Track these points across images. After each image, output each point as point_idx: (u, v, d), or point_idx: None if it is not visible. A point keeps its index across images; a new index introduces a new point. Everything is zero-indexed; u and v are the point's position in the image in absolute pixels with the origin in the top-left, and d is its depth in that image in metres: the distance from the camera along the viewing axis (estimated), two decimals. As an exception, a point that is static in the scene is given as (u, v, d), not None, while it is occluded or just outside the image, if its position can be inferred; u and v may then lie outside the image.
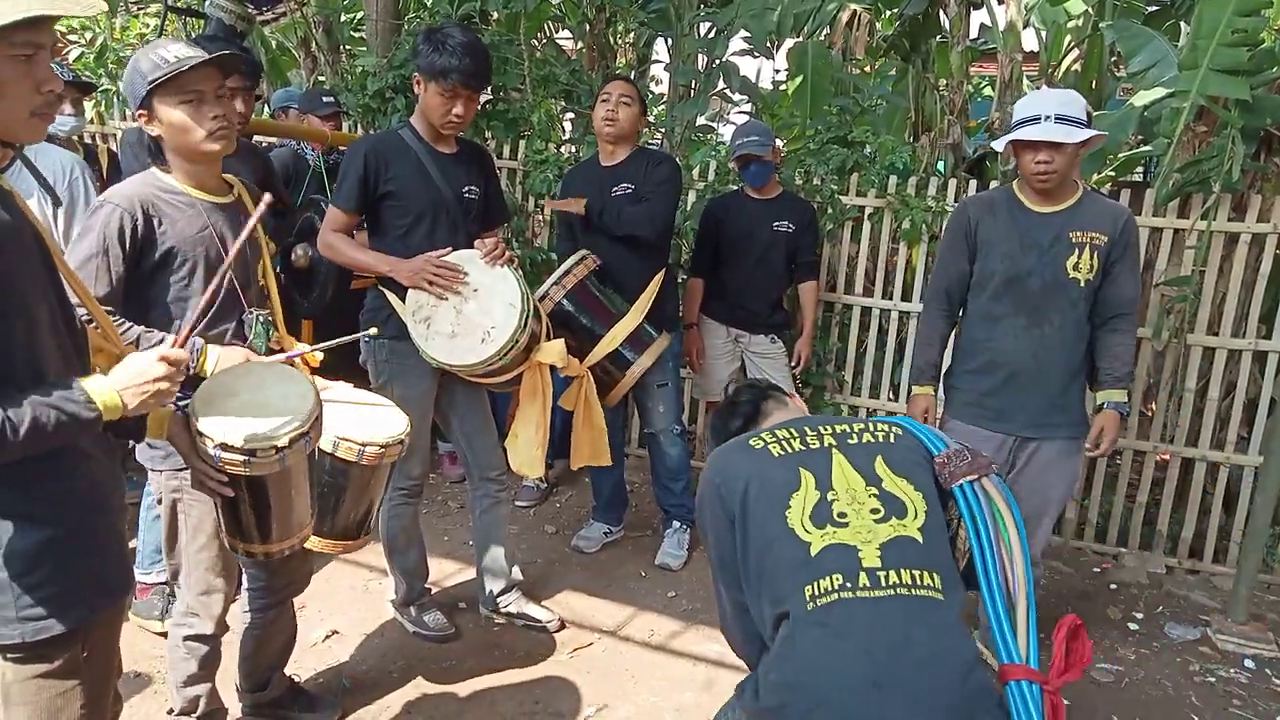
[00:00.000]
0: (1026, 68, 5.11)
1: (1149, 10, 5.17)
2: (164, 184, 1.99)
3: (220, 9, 3.59)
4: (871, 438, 1.72)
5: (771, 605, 1.57)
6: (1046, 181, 2.58)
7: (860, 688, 1.43)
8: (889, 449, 1.70)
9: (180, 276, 1.97)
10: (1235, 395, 3.66)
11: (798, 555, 1.56)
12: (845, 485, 1.62)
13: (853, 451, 1.68)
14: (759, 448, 1.71)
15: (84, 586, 1.46)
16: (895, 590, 1.50)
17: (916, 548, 1.55)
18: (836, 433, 1.72)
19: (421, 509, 3.08)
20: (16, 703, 1.45)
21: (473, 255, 2.66)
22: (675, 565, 3.57)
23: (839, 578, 1.51)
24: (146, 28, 7.52)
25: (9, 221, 1.31)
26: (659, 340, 3.22)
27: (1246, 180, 3.54)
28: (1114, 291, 2.67)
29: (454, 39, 2.55)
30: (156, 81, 1.87)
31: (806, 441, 1.70)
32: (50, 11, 1.24)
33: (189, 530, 2.08)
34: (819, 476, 1.63)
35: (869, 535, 1.55)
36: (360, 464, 2.08)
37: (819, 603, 1.50)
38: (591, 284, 3.16)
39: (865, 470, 1.65)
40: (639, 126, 3.39)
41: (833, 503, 1.60)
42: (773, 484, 1.64)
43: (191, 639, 2.16)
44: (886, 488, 1.62)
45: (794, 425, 1.75)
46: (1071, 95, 2.62)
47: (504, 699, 2.70)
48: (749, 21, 4.92)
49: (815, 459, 1.67)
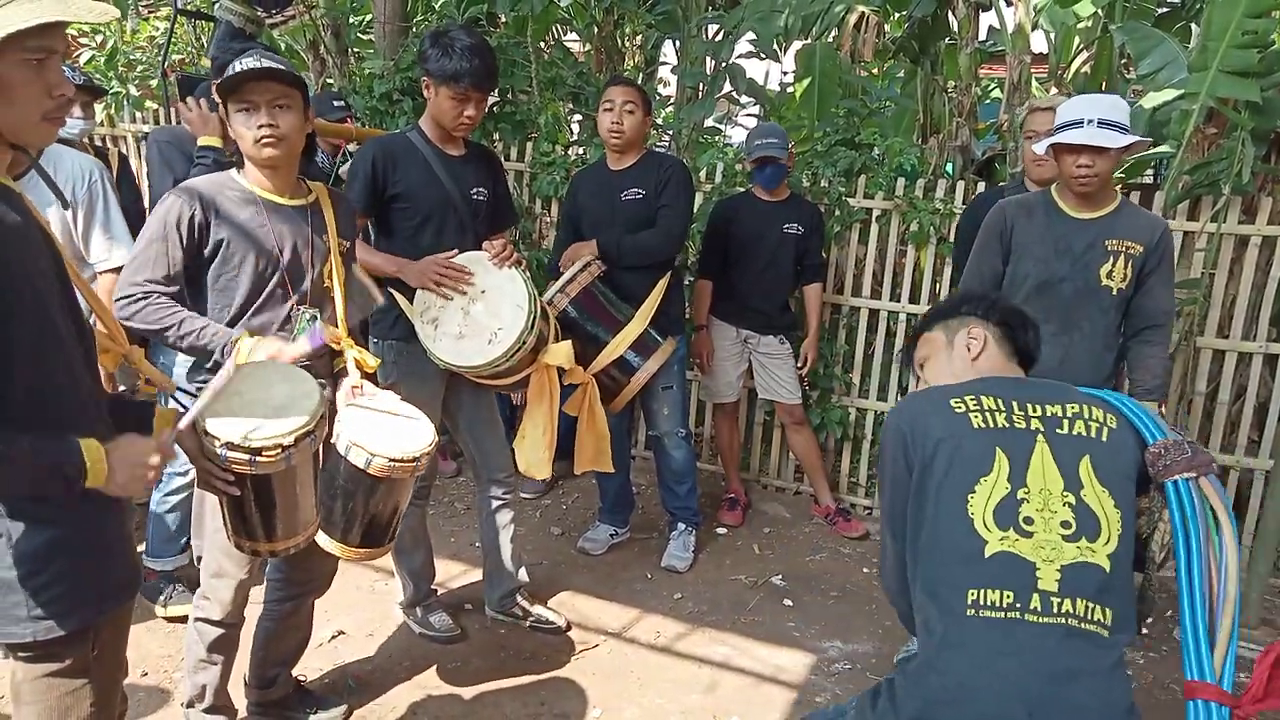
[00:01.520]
0: (1035, 70, 5.10)
1: (1159, 12, 5.15)
2: (233, 182, 2.09)
3: (230, 12, 3.59)
4: (1084, 429, 1.55)
5: (924, 587, 1.50)
6: (1087, 185, 2.58)
7: (1010, 712, 1.36)
8: (1099, 449, 1.54)
9: (230, 268, 2.04)
10: (1245, 399, 3.64)
11: (969, 549, 1.46)
12: (1041, 485, 1.49)
13: (1060, 444, 1.52)
14: (960, 411, 1.56)
15: (93, 586, 1.47)
16: (1066, 620, 1.40)
17: (1100, 578, 1.43)
18: (1047, 415, 1.55)
19: (428, 510, 3.08)
20: (26, 701, 1.47)
21: (480, 257, 2.66)
22: (681, 567, 3.56)
23: (1010, 596, 1.41)
24: (156, 31, 7.56)
25: (18, 223, 1.32)
26: (664, 345, 3.20)
27: (1257, 182, 3.53)
28: (1148, 302, 2.67)
29: (461, 41, 2.56)
30: (222, 89, 1.98)
31: (1012, 419, 1.55)
32: (62, 18, 1.25)
33: (210, 511, 2.10)
34: (1014, 465, 1.50)
35: (1052, 554, 1.43)
36: (367, 473, 2.06)
37: (981, 614, 1.42)
38: (597, 290, 3.15)
39: (1068, 470, 1.50)
40: (645, 130, 3.38)
41: (1022, 502, 1.47)
42: (964, 458, 1.51)
43: (201, 621, 2.19)
44: (1085, 498, 1.48)
45: (1004, 394, 1.58)
46: (1115, 100, 2.62)
47: (509, 700, 2.70)
48: (757, 24, 4.93)
49: (1016, 442, 1.52)
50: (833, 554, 3.81)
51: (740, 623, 3.20)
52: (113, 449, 1.36)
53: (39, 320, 1.34)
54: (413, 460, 2.08)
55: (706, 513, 3.96)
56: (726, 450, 4.16)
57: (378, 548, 2.25)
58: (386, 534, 2.24)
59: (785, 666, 2.95)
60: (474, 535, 3.26)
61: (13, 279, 1.29)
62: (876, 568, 3.69)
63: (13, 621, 1.39)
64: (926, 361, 1.80)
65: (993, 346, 1.73)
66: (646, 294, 3.23)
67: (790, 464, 4.45)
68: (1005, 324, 1.74)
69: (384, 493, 2.12)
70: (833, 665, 2.97)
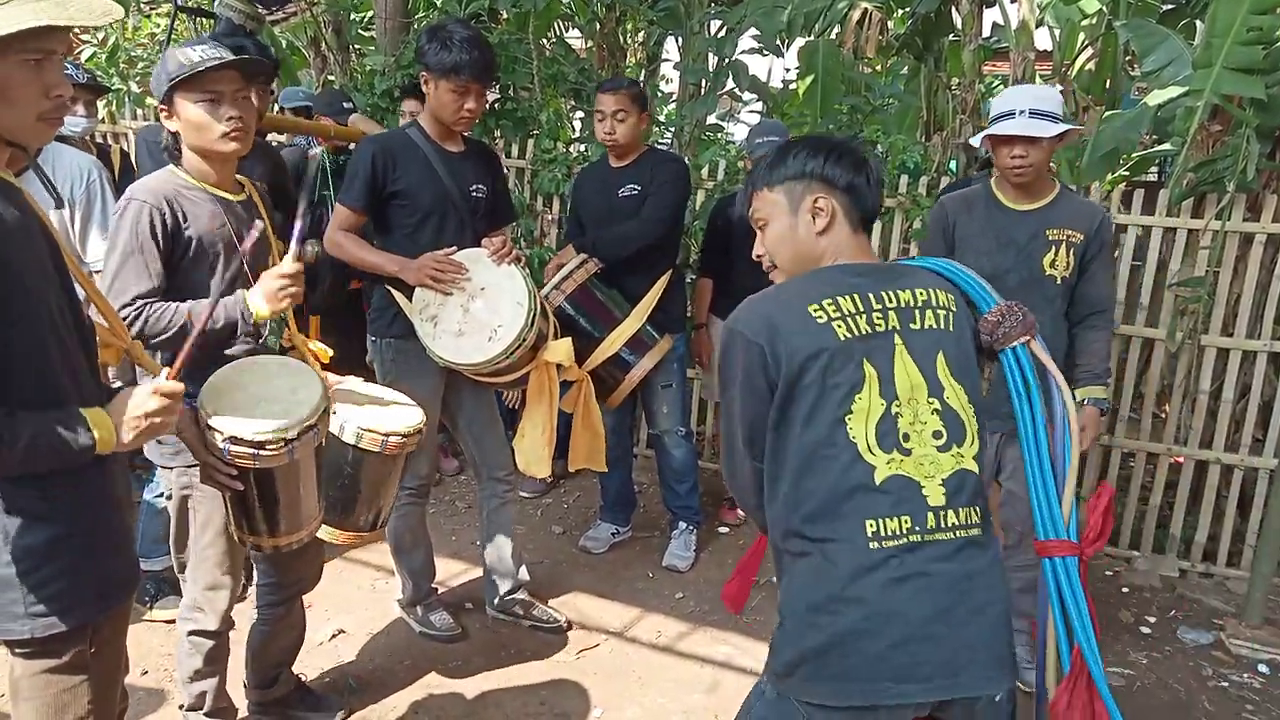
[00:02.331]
0: (1040, 67, 5.07)
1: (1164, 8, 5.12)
2: (183, 180, 2.03)
3: (230, 9, 3.59)
4: (935, 320, 1.52)
5: (808, 516, 1.46)
6: (1023, 175, 2.61)
7: (925, 628, 1.39)
8: (949, 340, 1.52)
9: (202, 268, 2.00)
10: (1250, 397, 3.62)
11: (858, 478, 1.43)
12: (909, 392, 1.46)
13: (915, 341, 1.49)
14: (822, 321, 1.47)
15: (93, 584, 1.47)
16: (956, 532, 1.44)
17: (972, 481, 1.47)
18: (901, 306, 1.51)
19: (429, 509, 3.08)
20: (25, 697, 1.47)
21: (480, 254, 2.65)
22: (683, 567, 3.55)
23: (907, 520, 1.42)
24: (158, 28, 7.55)
25: (18, 219, 1.32)
26: (660, 343, 3.19)
27: (1261, 180, 3.51)
28: (1090, 289, 2.70)
29: (459, 34, 2.57)
30: (178, 79, 1.91)
31: (872, 320, 1.48)
32: (63, 22, 1.24)
33: (198, 525, 2.09)
34: (883, 375, 1.46)
35: (932, 469, 1.45)
36: (383, 454, 2.14)
37: (885, 545, 1.41)
38: (594, 286, 3.14)
39: (928, 372, 1.49)
40: (641, 129, 3.35)
41: (897, 417, 1.45)
42: (834, 376, 1.46)
43: (196, 634, 2.17)
44: (948, 399, 1.48)
45: (860, 289, 1.51)
46: (1046, 90, 2.67)
47: (510, 699, 2.70)
48: (759, 20, 4.90)
49: (879, 348, 1.48)
50: (835, 553, 3.80)
51: (742, 622, 3.19)
52: (112, 408, 1.38)
53: (38, 314, 1.34)
54: (419, 430, 2.20)
55: (708, 511, 3.95)
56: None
57: (377, 529, 2.34)
58: (385, 514, 2.34)
59: (787, 666, 2.93)
60: (475, 534, 3.25)
61: (12, 274, 1.29)
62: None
63: (10, 618, 1.40)
64: (766, 225, 1.65)
65: (840, 218, 1.58)
66: (645, 291, 3.22)
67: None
68: (851, 188, 1.58)
69: (394, 471, 2.24)
70: (835, 665, 2.96)
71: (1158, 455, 3.80)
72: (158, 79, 1.96)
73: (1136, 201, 3.71)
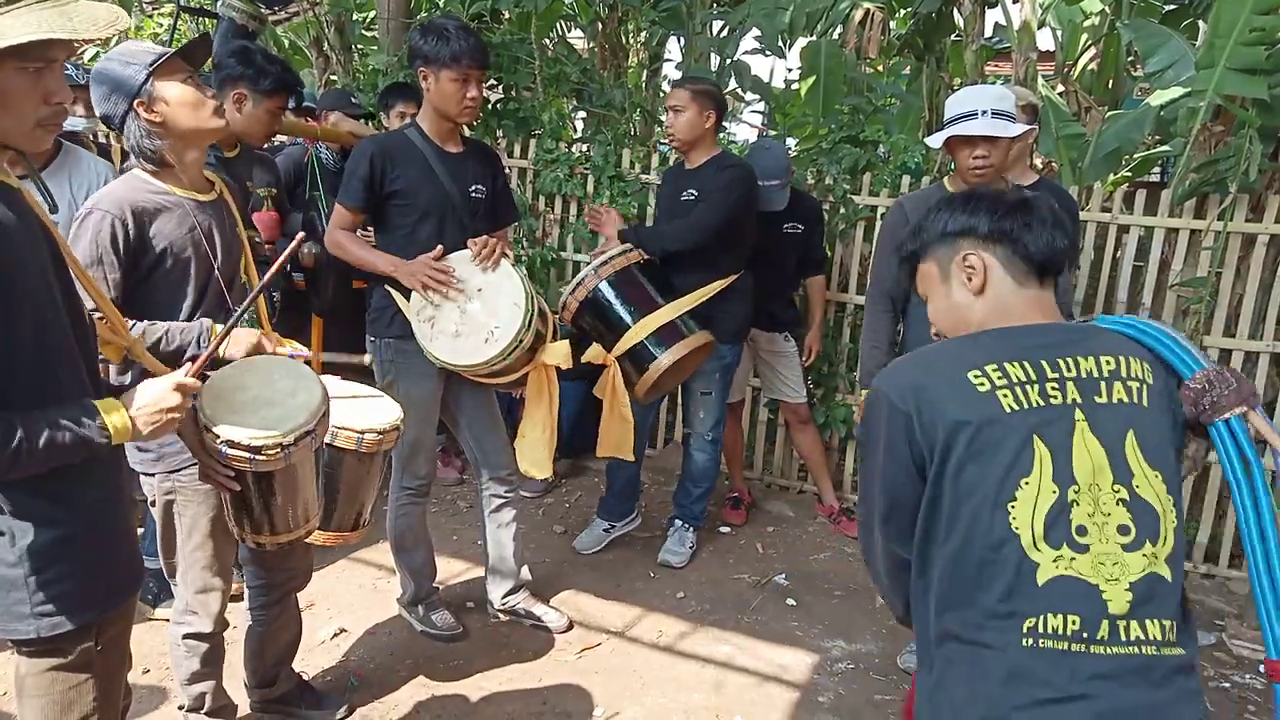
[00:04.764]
0: (1042, 67, 5.07)
1: (1166, 9, 5.12)
2: (151, 185, 1.98)
3: (232, 9, 3.59)
4: (1124, 393, 1.29)
5: (957, 618, 1.27)
6: (984, 175, 2.60)
7: None
8: (1143, 418, 1.28)
9: (173, 279, 1.97)
10: (1252, 398, 3.62)
11: (1019, 576, 1.22)
12: (1089, 478, 1.24)
13: (1101, 418, 1.26)
14: (984, 389, 1.27)
15: (97, 583, 1.48)
16: (1140, 649, 1.19)
17: (1165, 588, 1.23)
18: (1083, 378, 1.28)
19: (430, 508, 3.08)
20: (30, 695, 1.48)
21: (469, 255, 2.66)
22: (677, 563, 3.56)
23: (1075, 622, 1.19)
24: (160, 27, 7.57)
25: (17, 220, 1.32)
26: (698, 334, 3.12)
27: (1264, 180, 3.50)
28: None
29: (451, 25, 2.61)
30: (156, 65, 1.88)
31: (1046, 391, 1.27)
32: (67, 35, 1.24)
33: (184, 530, 2.08)
34: (1057, 458, 1.24)
35: (1115, 570, 1.21)
36: (359, 452, 2.14)
37: (1041, 644, 1.20)
38: (637, 271, 3.14)
39: (1114, 455, 1.25)
40: (705, 129, 3.29)
41: (1072, 506, 1.23)
42: (997, 454, 1.25)
43: (191, 637, 2.17)
44: (1138, 488, 1.25)
45: (1030, 355, 1.30)
46: (1004, 91, 2.67)
47: (512, 699, 2.70)
48: (761, 20, 4.91)
49: (1055, 426, 1.26)
50: (836, 553, 3.80)
51: (743, 622, 3.19)
52: (128, 398, 1.39)
53: (40, 314, 1.34)
54: (395, 427, 2.20)
55: (710, 511, 3.95)
56: (731, 449, 4.15)
57: (360, 529, 2.35)
58: (366, 513, 2.34)
59: (788, 666, 2.94)
60: (476, 533, 3.25)
61: (13, 274, 1.29)
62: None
63: (16, 618, 1.41)
64: (927, 299, 1.51)
65: (998, 272, 1.39)
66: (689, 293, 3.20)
67: (794, 463, 4.44)
68: (1005, 237, 1.39)
69: (371, 470, 2.23)
70: (836, 665, 2.96)
71: (1160, 456, 3.79)
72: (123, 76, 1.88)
73: (1139, 202, 3.70)
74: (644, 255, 3.18)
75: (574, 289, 3.12)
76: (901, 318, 2.84)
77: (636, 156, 4.50)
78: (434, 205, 2.68)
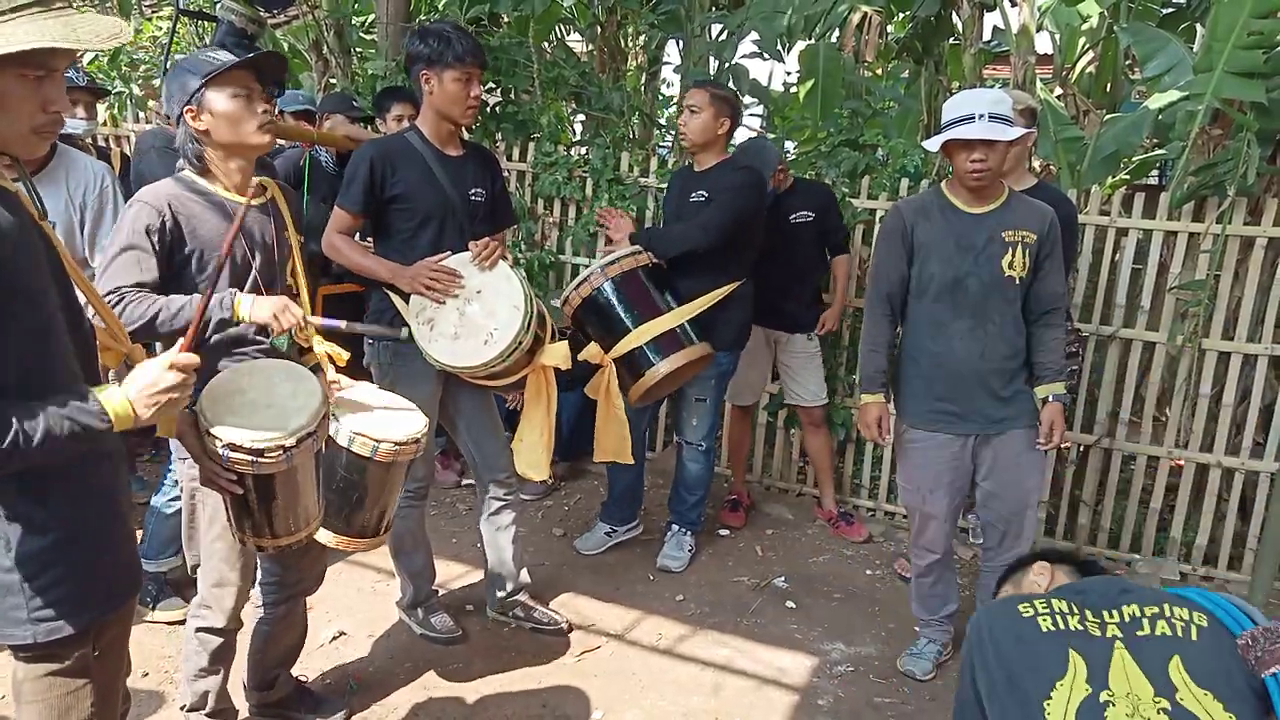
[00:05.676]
0: (1040, 70, 5.08)
1: (1164, 12, 5.13)
2: (195, 185, 2.05)
3: (231, 12, 3.59)
4: (1168, 629, 1.38)
5: None
6: (981, 179, 2.61)
7: None
8: (1191, 649, 1.36)
9: (205, 277, 2.01)
10: (1250, 400, 3.63)
11: None
12: (1126, 689, 1.32)
13: (1142, 648, 1.36)
14: (1027, 615, 1.45)
15: (95, 588, 1.47)
16: None
17: None
18: (1125, 620, 1.41)
19: (430, 511, 3.08)
20: (28, 700, 1.47)
21: (469, 258, 2.66)
22: (675, 567, 3.55)
23: None
24: (159, 30, 7.57)
25: (15, 223, 1.31)
26: (697, 345, 3.14)
27: (1262, 184, 3.51)
28: (1044, 288, 2.71)
29: (448, 27, 2.65)
30: (211, 75, 1.95)
31: (1086, 623, 1.42)
32: (70, 45, 1.24)
33: (205, 520, 2.10)
34: (1093, 668, 1.35)
35: None
36: (375, 460, 2.12)
37: None
38: (643, 275, 3.14)
39: (1156, 674, 1.34)
40: (719, 132, 3.32)
41: (1106, 706, 1.30)
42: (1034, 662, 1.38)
43: (203, 630, 2.18)
44: (1183, 701, 1.30)
45: (1076, 598, 1.48)
46: (1001, 94, 2.69)
47: (511, 702, 2.70)
48: (760, 24, 4.93)
49: (1092, 647, 1.38)
50: (836, 556, 3.80)
51: (742, 625, 3.19)
52: (127, 384, 1.38)
53: (37, 319, 1.34)
54: (414, 440, 2.16)
55: (709, 514, 3.95)
56: (736, 451, 4.15)
57: (379, 536, 2.32)
58: (384, 522, 2.31)
59: (788, 669, 2.94)
60: (475, 536, 3.25)
61: (10, 274, 1.29)
62: (879, 570, 3.69)
63: (13, 623, 1.40)
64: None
65: (1062, 578, 1.69)
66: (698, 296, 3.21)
67: (794, 465, 4.44)
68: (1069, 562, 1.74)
69: (391, 478, 2.21)
70: (835, 668, 2.96)
71: (1158, 458, 3.80)
72: (181, 80, 1.98)
73: (1137, 205, 3.71)
74: (652, 259, 3.18)
75: (578, 285, 3.13)
76: (900, 321, 2.85)
77: (635, 160, 4.50)
78: (434, 209, 2.68)
